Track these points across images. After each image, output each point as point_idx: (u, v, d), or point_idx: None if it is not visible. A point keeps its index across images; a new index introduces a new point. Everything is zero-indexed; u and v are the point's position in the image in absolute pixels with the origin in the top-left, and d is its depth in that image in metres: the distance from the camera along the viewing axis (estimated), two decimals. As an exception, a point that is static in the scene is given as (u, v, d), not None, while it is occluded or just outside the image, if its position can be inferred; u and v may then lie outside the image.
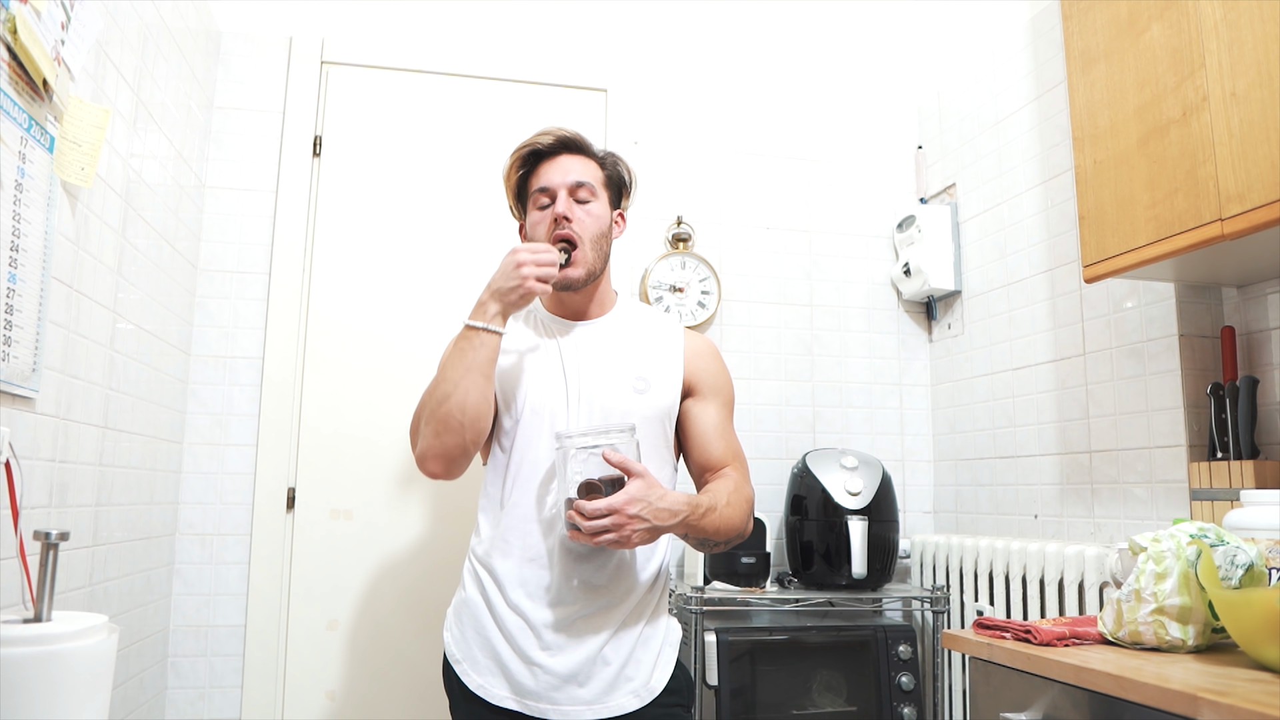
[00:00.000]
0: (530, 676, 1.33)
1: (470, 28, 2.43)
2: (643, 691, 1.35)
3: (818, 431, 2.47)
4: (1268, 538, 1.24)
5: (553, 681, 1.32)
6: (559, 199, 1.43)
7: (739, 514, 1.39)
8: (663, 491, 1.29)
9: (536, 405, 1.41)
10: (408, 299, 2.29)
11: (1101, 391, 1.90)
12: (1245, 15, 1.31)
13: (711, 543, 1.38)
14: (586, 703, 1.32)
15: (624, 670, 1.35)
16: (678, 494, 1.32)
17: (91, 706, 1.11)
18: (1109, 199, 1.57)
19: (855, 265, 2.57)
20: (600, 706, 1.33)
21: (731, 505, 1.38)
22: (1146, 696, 1.02)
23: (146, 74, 1.76)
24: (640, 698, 1.35)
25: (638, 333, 1.49)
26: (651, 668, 1.37)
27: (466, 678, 1.36)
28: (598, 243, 1.44)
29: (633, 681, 1.35)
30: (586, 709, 1.32)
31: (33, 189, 1.25)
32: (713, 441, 1.46)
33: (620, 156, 1.54)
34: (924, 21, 2.54)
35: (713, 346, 1.54)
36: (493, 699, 1.34)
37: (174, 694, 2.06)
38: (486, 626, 1.37)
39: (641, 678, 1.36)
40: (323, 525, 2.18)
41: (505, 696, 1.34)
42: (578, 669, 1.32)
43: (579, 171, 1.45)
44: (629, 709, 1.34)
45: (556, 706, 1.32)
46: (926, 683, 2.17)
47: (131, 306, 1.73)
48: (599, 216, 1.45)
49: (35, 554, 1.16)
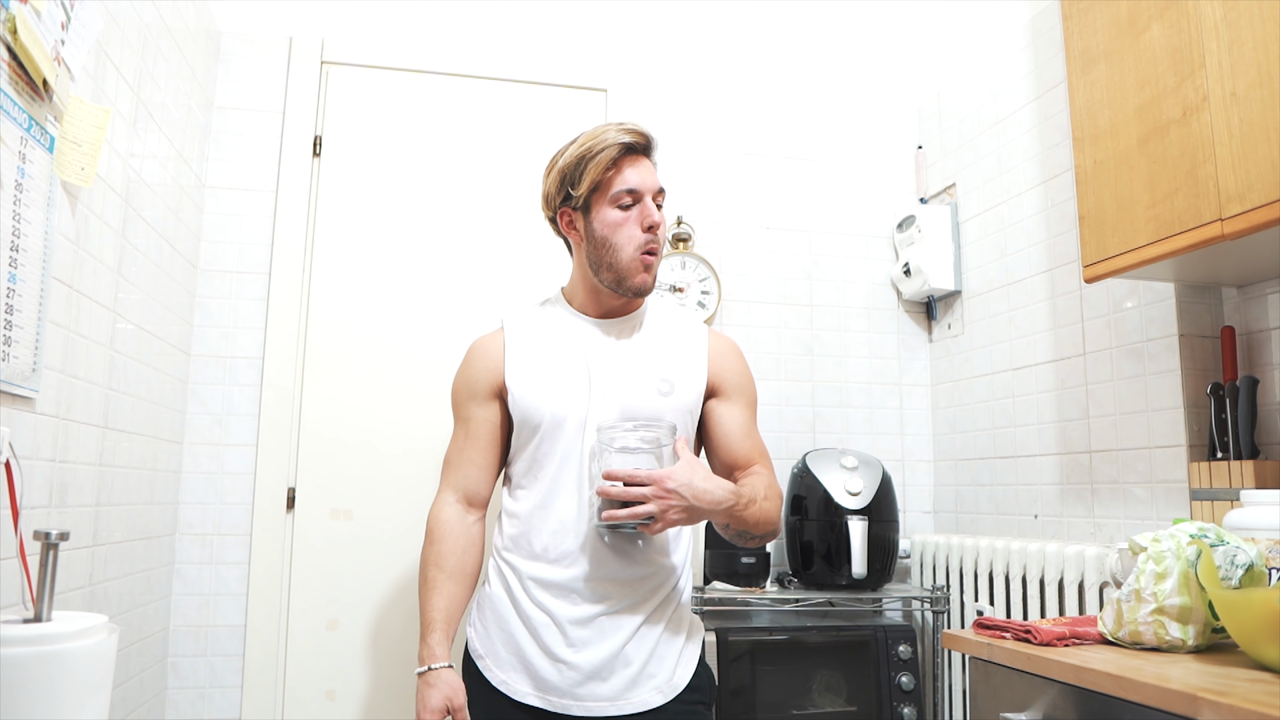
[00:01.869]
0: (555, 672, 1.33)
1: (470, 28, 2.43)
2: (665, 688, 1.36)
3: (818, 431, 2.47)
4: (1268, 538, 1.24)
5: (576, 678, 1.32)
6: (646, 204, 1.40)
7: (775, 509, 1.41)
8: (707, 473, 1.31)
9: (560, 403, 1.41)
10: (408, 299, 2.29)
11: (1101, 391, 1.90)
12: (1245, 15, 1.31)
13: (749, 535, 1.39)
14: (609, 699, 1.33)
15: (646, 667, 1.35)
16: (722, 481, 1.33)
17: (91, 706, 1.11)
18: (1109, 199, 1.57)
19: (855, 265, 2.57)
20: (623, 702, 1.33)
21: (769, 500, 1.40)
22: (1146, 696, 1.02)
23: (146, 74, 1.76)
24: (663, 694, 1.35)
25: (663, 333, 1.49)
26: (674, 664, 1.38)
27: (489, 673, 1.37)
28: (662, 249, 1.46)
29: (655, 678, 1.35)
30: (610, 704, 1.33)
31: (33, 189, 1.25)
32: (739, 441, 1.47)
33: None
34: (924, 21, 2.54)
35: (735, 347, 1.54)
36: (515, 695, 1.35)
37: (174, 694, 2.06)
38: (510, 622, 1.38)
39: (664, 674, 1.36)
40: (323, 525, 2.18)
41: (528, 693, 1.35)
42: (602, 665, 1.33)
43: (657, 178, 1.44)
44: (651, 705, 1.34)
45: (580, 703, 1.33)
46: (926, 683, 2.17)
47: (131, 306, 1.73)
48: (665, 224, 1.47)
49: (35, 554, 1.16)
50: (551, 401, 1.41)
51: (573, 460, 1.39)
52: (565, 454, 1.39)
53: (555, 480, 1.39)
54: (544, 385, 1.42)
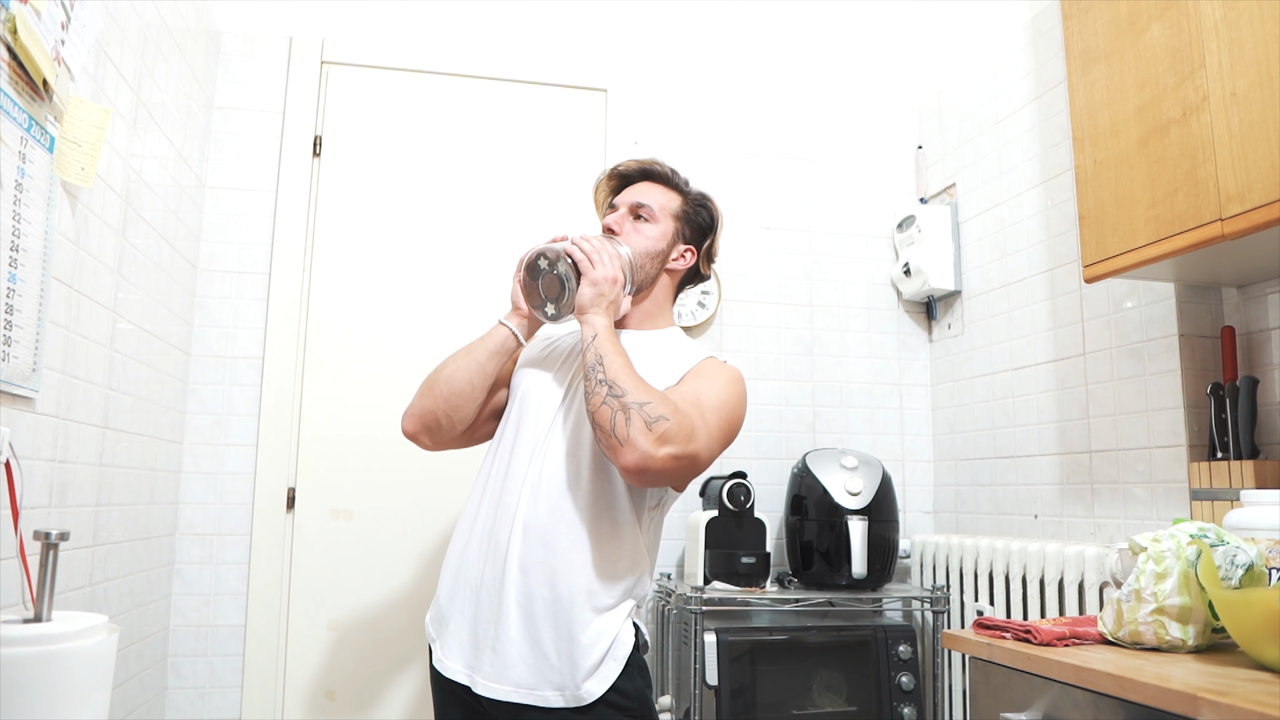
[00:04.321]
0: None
1: (470, 28, 2.43)
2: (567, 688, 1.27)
3: (818, 431, 2.47)
4: (1268, 538, 1.24)
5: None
6: (619, 213, 1.49)
7: (645, 389, 1.22)
8: (617, 289, 1.37)
9: (529, 393, 1.44)
10: (408, 299, 2.29)
11: (1101, 391, 1.90)
12: (1245, 15, 1.31)
13: (598, 377, 1.24)
14: None
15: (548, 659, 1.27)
16: None
17: (91, 706, 1.11)
18: (1109, 199, 1.57)
19: (855, 265, 2.57)
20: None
21: (648, 385, 1.24)
22: (1146, 696, 1.02)
23: (146, 74, 1.76)
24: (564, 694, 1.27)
25: (660, 352, 1.45)
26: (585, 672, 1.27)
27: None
28: (636, 259, 1.45)
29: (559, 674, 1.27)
30: None
31: (33, 189, 1.25)
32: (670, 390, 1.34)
33: (710, 199, 1.55)
34: (924, 21, 2.54)
35: (719, 366, 1.41)
36: (447, 672, 1.33)
37: (174, 694, 2.06)
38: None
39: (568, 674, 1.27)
40: (323, 525, 2.18)
41: (457, 670, 1.32)
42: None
43: (648, 196, 1.50)
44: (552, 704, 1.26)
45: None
46: (926, 683, 2.17)
47: (131, 306, 1.73)
48: (648, 237, 1.46)
49: (35, 554, 1.16)
50: (525, 388, 1.44)
51: (523, 448, 1.37)
52: (517, 440, 1.38)
53: (493, 465, 1.41)
54: (527, 376, 1.47)
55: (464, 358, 1.44)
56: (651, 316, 1.51)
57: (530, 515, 1.31)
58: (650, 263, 1.47)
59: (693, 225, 1.52)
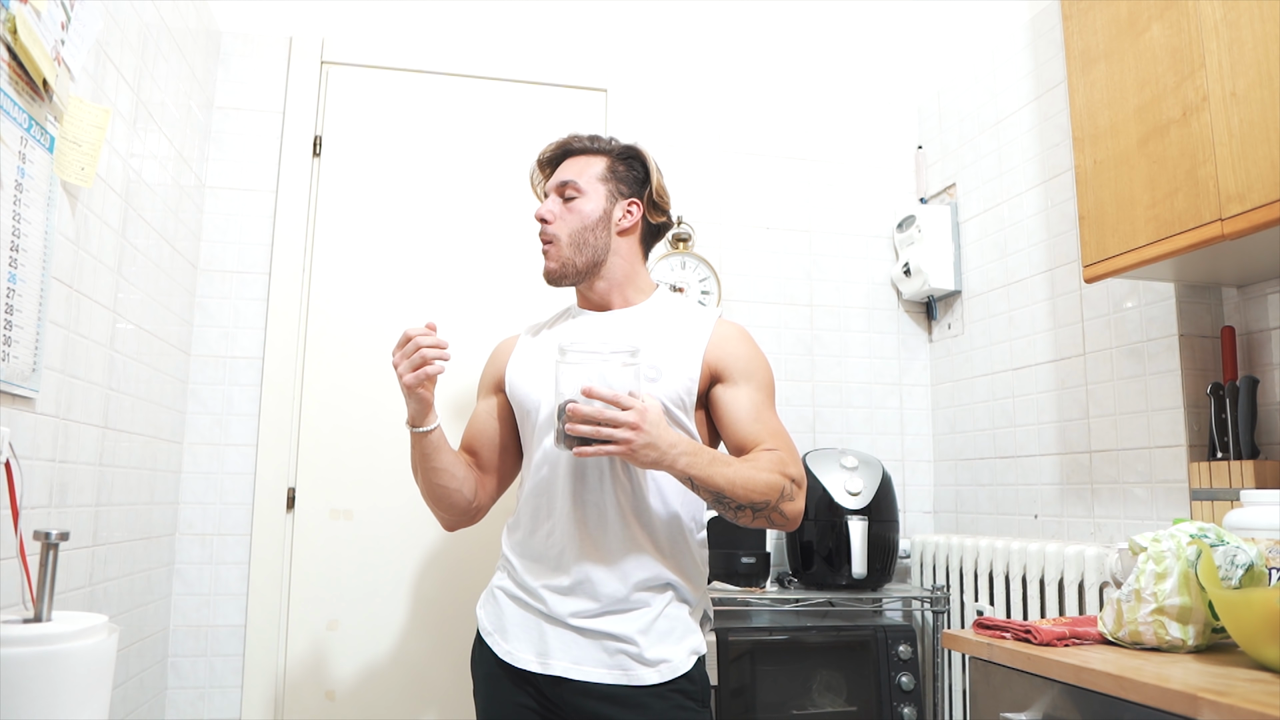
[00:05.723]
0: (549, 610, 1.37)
1: (470, 28, 2.43)
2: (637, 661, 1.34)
3: (818, 431, 2.47)
4: (1268, 538, 1.24)
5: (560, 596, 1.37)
6: (548, 201, 1.50)
7: (765, 476, 1.30)
8: (661, 419, 1.24)
9: (542, 403, 1.43)
10: (408, 298, 2.29)
11: (1101, 391, 1.90)
12: (1245, 15, 1.31)
13: (733, 504, 1.28)
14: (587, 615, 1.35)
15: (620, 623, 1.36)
16: (684, 435, 1.28)
17: (91, 706, 1.11)
18: (1109, 199, 1.57)
19: (855, 265, 2.57)
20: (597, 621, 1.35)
21: (758, 467, 1.30)
22: (1146, 696, 1.02)
23: (146, 74, 1.76)
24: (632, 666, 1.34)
25: (659, 322, 1.47)
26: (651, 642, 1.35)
27: (496, 646, 1.41)
28: (578, 236, 1.46)
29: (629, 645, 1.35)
30: (586, 620, 1.35)
31: (33, 189, 1.25)
32: (748, 423, 1.40)
33: (639, 148, 1.54)
34: (924, 21, 2.54)
35: (743, 332, 1.48)
36: (519, 663, 1.37)
37: (174, 694, 2.06)
38: (513, 602, 1.43)
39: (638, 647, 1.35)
40: (323, 525, 2.18)
41: (529, 659, 1.37)
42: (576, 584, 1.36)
43: (569, 172, 1.51)
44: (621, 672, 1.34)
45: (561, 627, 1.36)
46: (926, 683, 2.17)
47: (131, 306, 1.73)
48: (582, 212, 1.46)
49: (35, 554, 1.16)
50: (534, 397, 1.44)
51: (555, 459, 1.39)
52: (546, 453, 1.40)
53: (540, 483, 1.41)
54: (535, 373, 1.46)
55: (417, 475, 1.46)
56: (629, 284, 1.51)
57: None
58: (594, 234, 1.46)
59: (625, 180, 1.51)
